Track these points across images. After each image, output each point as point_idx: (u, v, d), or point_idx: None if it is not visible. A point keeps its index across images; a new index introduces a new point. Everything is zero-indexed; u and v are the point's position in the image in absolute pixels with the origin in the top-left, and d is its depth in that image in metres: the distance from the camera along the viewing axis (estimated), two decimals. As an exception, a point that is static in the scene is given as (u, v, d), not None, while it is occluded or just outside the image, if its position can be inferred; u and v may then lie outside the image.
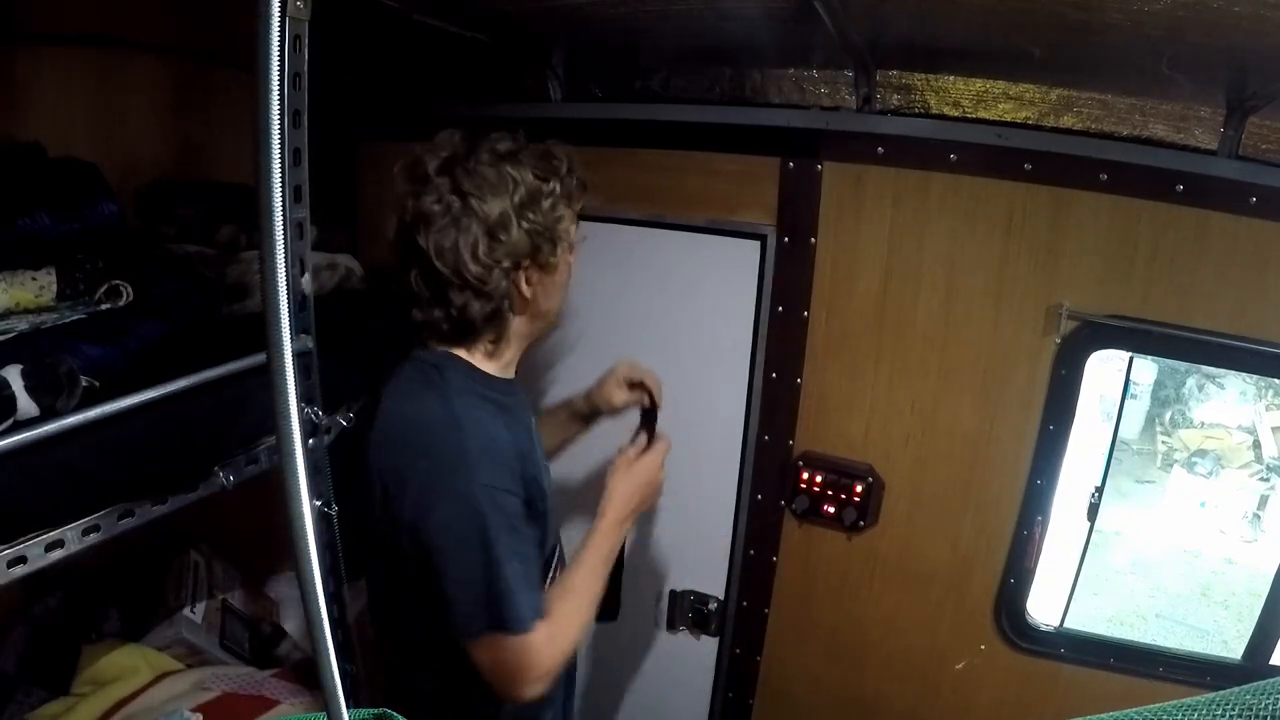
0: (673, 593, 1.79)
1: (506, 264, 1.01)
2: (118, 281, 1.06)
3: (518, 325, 1.10)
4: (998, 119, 1.31)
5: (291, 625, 1.70)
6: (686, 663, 1.82)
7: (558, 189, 1.05)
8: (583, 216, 1.14)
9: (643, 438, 1.24)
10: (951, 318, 1.40)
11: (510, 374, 1.15)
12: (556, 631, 0.99)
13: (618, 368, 1.36)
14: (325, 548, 1.09)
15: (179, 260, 1.24)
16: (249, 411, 1.03)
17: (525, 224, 1.01)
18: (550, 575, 1.18)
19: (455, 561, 0.96)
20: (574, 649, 1.05)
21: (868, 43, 1.23)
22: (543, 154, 1.07)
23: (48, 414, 0.83)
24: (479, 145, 1.03)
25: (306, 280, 1.01)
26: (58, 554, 0.86)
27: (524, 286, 1.05)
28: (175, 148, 1.57)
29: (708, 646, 1.80)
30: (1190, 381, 5.11)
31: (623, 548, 1.17)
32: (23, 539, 0.82)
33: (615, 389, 1.35)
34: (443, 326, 1.05)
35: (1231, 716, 0.45)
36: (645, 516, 1.74)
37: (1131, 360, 1.68)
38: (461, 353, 1.08)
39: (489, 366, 1.10)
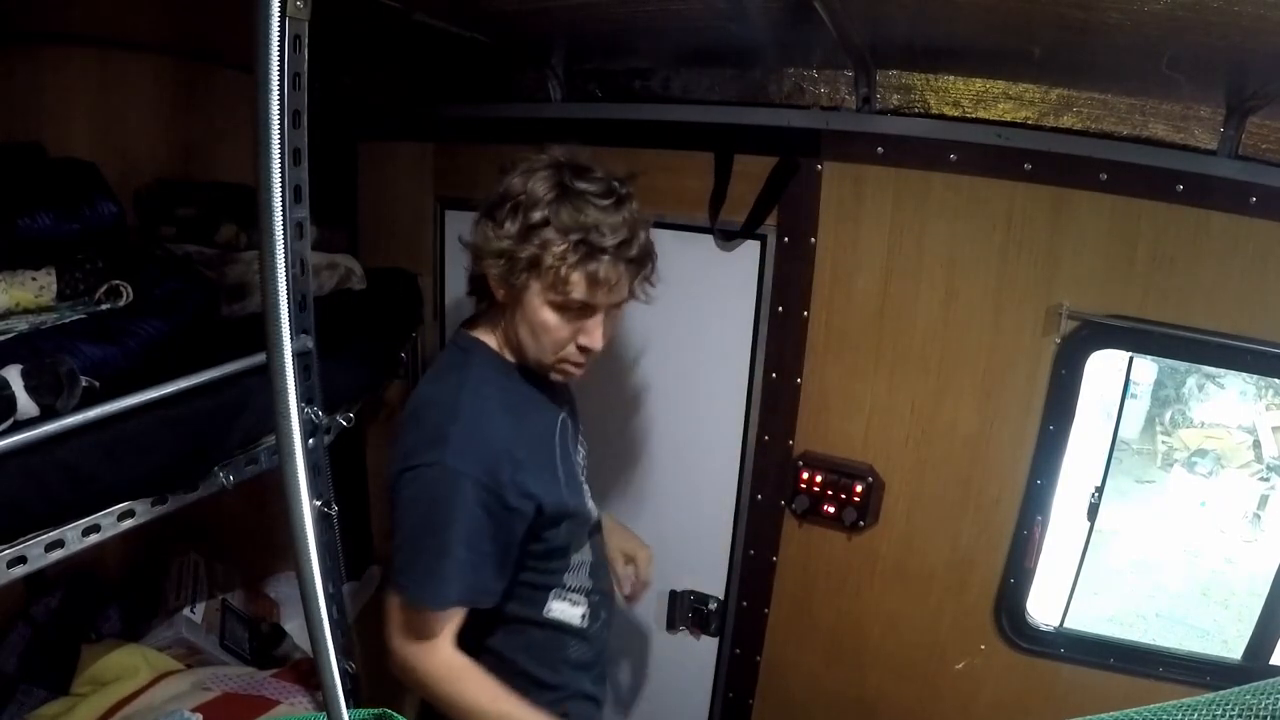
0: (673, 593, 1.79)
1: (485, 249, 1.07)
2: (118, 281, 1.07)
3: (512, 326, 1.12)
4: (997, 119, 1.30)
5: (291, 625, 1.70)
6: (686, 663, 1.82)
7: (544, 216, 1.02)
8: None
9: None
10: (951, 318, 1.40)
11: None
12: (456, 670, 1.06)
13: (626, 550, 1.45)
14: (325, 548, 1.09)
15: (179, 260, 1.24)
16: (249, 411, 1.03)
17: (490, 226, 1.07)
18: (576, 583, 1.22)
19: (408, 529, 1.04)
20: (436, 689, 1.06)
21: (868, 43, 1.22)
22: (578, 205, 1.03)
23: (48, 414, 0.83)
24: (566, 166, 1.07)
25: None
26: (58, 554, 0.86)
27: (492, 283, 1.09)
28: (175, 148, 1.56)
29: (708, 646, 1.79)
30: (1190, 381, 5.10)
31: None
32: (23, 539, 0.82)
33: (617, 556, 1.43)
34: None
35: (1231, 716, 0.45)
36: (646, 516, 1.74)
37: (1131, 360, 1.68)
38: (490, 340, 1.16)
39: (511, 358, 1.16)
